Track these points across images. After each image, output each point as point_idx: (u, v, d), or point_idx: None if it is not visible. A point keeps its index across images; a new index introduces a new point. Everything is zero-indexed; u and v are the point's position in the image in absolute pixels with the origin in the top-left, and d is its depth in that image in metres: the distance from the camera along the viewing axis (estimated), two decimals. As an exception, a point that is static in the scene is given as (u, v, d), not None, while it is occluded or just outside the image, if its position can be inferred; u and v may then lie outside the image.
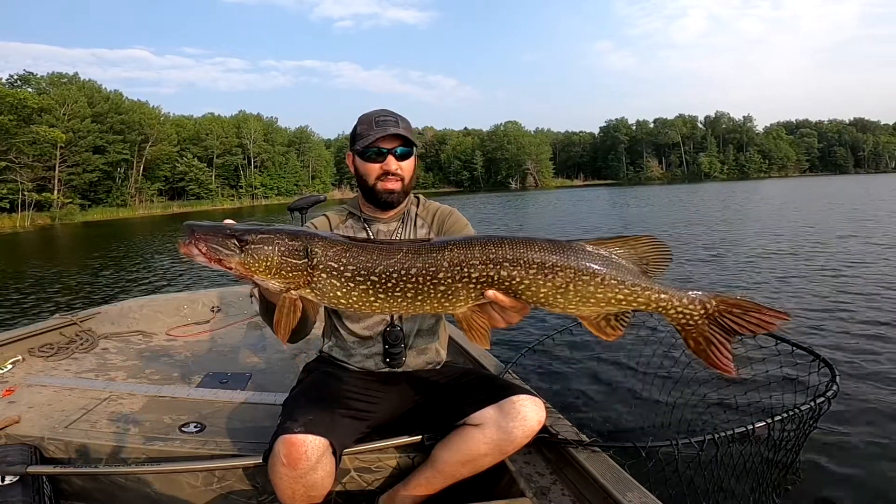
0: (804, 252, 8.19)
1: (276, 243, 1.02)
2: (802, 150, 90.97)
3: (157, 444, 1.64)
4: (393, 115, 1.52)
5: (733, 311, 0.97)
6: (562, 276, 0.97)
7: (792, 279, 6.21)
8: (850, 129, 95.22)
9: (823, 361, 1.85)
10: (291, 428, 1.24)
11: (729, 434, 1.49)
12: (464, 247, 1.00)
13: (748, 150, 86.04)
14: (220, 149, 57.17)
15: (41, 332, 2.76)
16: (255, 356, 2.62)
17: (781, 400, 2.06)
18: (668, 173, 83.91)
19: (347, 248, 1.03)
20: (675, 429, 2.52)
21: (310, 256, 1.02)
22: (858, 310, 4.70)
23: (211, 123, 59.06)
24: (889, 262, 6.99)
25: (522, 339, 4.29)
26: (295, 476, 1.22)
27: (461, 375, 1.57)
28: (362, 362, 1.56)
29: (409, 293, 1.01)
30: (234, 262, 1.02)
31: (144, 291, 8.01)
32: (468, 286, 1.00)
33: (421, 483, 1.44)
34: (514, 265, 0.98)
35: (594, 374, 3.18)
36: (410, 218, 1.64)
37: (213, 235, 1.02)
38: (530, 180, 77.84)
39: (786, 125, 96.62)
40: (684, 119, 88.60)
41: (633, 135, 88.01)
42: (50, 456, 1.67)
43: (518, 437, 1.31)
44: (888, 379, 3.13)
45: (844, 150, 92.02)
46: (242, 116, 62.20)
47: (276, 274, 1.02)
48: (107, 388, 2.12)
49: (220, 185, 57.69)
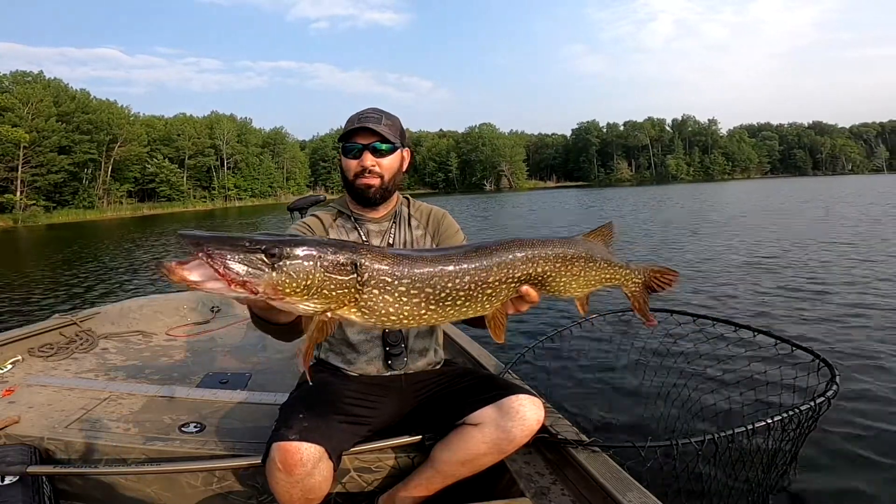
0: (805, 250, 8.21)
1: (319, 258, 0.87)
2: (764, 152, 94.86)
3: (157, 444, 1.64)
4: (377, 113, 1.51)
5: (656, 275, 1.28)
6: (577, 264, 1.15)
7: (792, 279, 6.22)
8: (809, 132, 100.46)
9: (823, 361, 1.85)
10: (286, 435, 1.23)
11: (728, 434, 1.49)
12: (507, 250, 1.08)
13: (713, 152, 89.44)
14: (192, 150, 56.43)
15: (41, 332, 2.76)
16: (255, 356, 2.62)
17: (781, 400, 2.06)
18: (637, 175, 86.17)
19: (398, 259, 0.97)
20: (674, 429, 2.52)
21: (359, 271, 0.91)
22: (859, 310, 4.70)
23: (183, 124, 58.14)
24: (889, 261, 6.99)
25: (522, 339, 4.29)
26: (292, 481, 1.21)
27: (461, 375, 1.56)
28: (362, 368, 1.55)
29: (460, 300, 1.03)
30: (262, 285, 0.83)
31: (102, 299, 7.33)
32: (510, 286, 1.08)
33: (421, 483, 1.44)
34: (548, 261, 1.11)
35: (594, 374, 3.18)
36: (403, 218, 1.63)
37: (232, 250, 0.81)
38: (504, 182, 78.66)
39: (748, 128, 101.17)
40: (653, 122, 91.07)
41: (604, 137, 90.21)
42: (50, 456, 1.67)
43: (517, 437, 1.31)
44: (888, 379, 3.13)
45: (804, 152, 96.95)
46: (215, 117, 61.41)
47: (315, 294, 0.87)
48: (107, 388, 2.12)
49: (192, 186, 57.06)
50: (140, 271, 10.37)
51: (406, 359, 1.55)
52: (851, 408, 2.78)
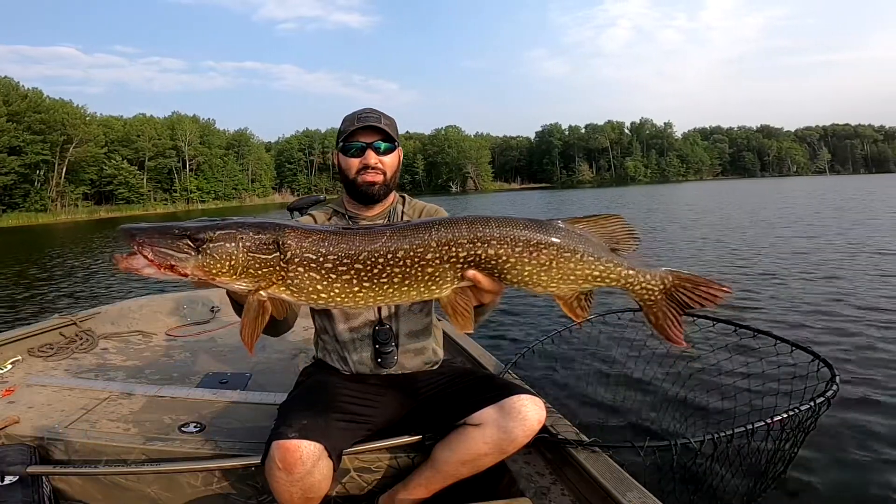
0: (805, 251, 8.21)
1: (240, 238, 0.91)
2: (715, 154, 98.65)
3: (157, 444, 1.64)
4: (376, 113, 1.55)
5: (686, 285, 1.03)
6: (546, 253, 0.97)
7: (792, 278, 6.22)
8: (757, 135, 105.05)
9: (823, 361, 1.85)
10: (286, 433, 1.23)
11: (728, 434, 1.49)
12: (451, 226, 0.98)
13: (668, 154, 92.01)
14: (152, 151, 54.35)
15: (41, 332, 2.76)
16: (255, 356, 2.61)
17: (781, 400, 2.06)
18: (597, 177, 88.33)
19: (324, 236, 0.95)
20: (674, 429, 2.53)
21: (282, 250, 0.93)
22: (859, 310, 4.70)
23: (143, 124, 55.81)
24: (890, 260, 7.00)
25: (522, 339, 4.29)
26: (291, 480, 1.21)
27: (460, 375, 1.56)
28: (356, 367, 1.55)
29: (396, 278, 0.96)
30: (189, 267, 0.89)
31: (49, 308, 6.78)
32: (455, 266, 0.97)
33: (421, 483, 1.44)
34: (501, 243, 0.97)
35: (594, 374, 3.18)
36: (397, 215, 1.64)
37: (160, 237, 0.88)
38: (470, 184, 79.14)
39: (701, 131, 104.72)
40: (612, 125, 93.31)
41: (566, 140, 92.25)
42: (50, 456, 1.66)
43: (519, 437, 1.31)
44: (888, 379, 3.14)
45: (752, 155, 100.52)
46: (177, 118, 59.10)
47: (242, 274, 0.91)
48: (106, 388, 2.12)
49: (153, 188, 55.04)
50: (92, 278, 9.61)
51: (397, 358, 1.54)
52: (851, 408, 2.78)
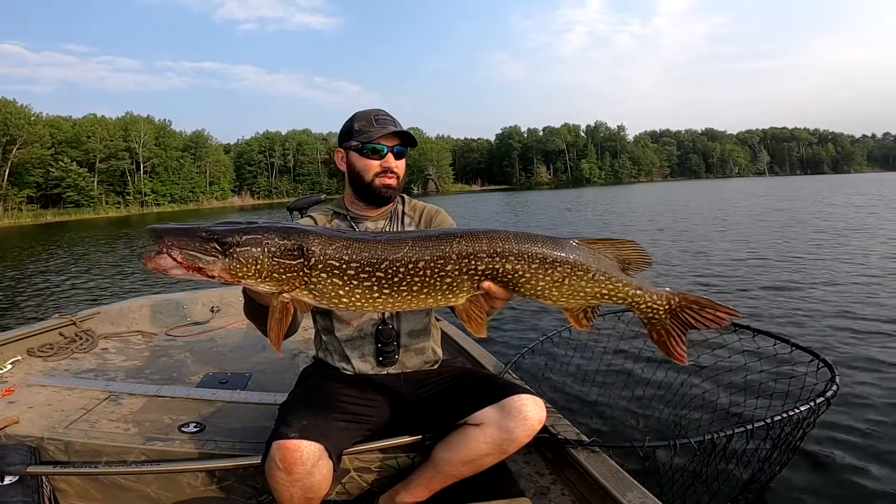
0: (803, 250, 8.22)
1: (266, 244, 0.95)
2: (664, 157, 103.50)
3: (157, 444, 1.64)
4: (390, 115, 1.57)
5: (692, 307, 1.07)
6: (560, 270, 1.02)
7: (791, 279, 6.22)
8: (702, 138, 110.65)
9: (823, 361, 1.85)
10: (286, 433, 1.23)
11: (727, 434, 1.49)
12: (471, 239, 1.00)
13: (621, 156, 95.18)
14: (103, 152, 51.89)
15: (40, 332, 2.76)
16: (255, 356, 2.61)
17: (780, 400, 2.06)
18: (555, 179, 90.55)
19: (348, 243, 0.98)
20: (674, 429, 2.53)
21: (306, 256, 0.96)
22: (859, 310, 4.70)
23: (93, 125, 53.11)
24: (890, 260, 7.00)
25: (522, 339, 4.29)
26: (291, 480, 1.22)
27: (460, 375, 1.56)
28: (358, 366, 1.55)
29: (416, 287, 1.00)
30: (217, 270, 0.93)
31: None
32: (473, 278, 1.00)
33: (421, 483, 1.44)
34: (519, 259, 1.01)
35: (593, 374, 3.18)
36: (398, 216, 1.65)
37: (189, 240, 0.92)
38: (431, 186, 79.58)
39: (651, 134, 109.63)
40: (569, 128, 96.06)
41: (525, 142, 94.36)
42: (50, 456, 1.66)
43: (519, 437, 1.32)
44: (888, 379, 3.14)
45: (698, 157, 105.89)
46: (130, 118, 56.53)
47: (266, 277, 0.95)
48: (106, 388, 2.12)
49: (104, 191, 52.77)
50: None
51: (399, 356, 1.55)
52: (850, 408, 2.78)
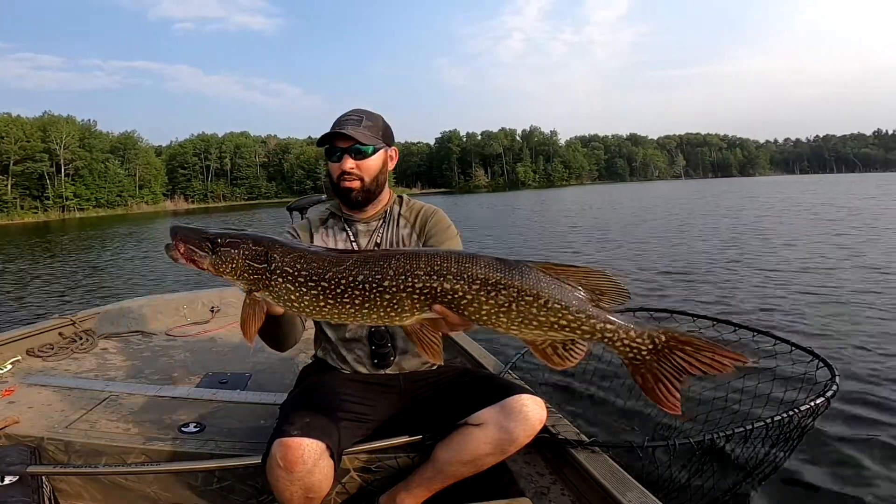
0: (805, 250, 8.22)
1: (241, 247, 1.11)
2: (593, 161, 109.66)
3: (157, 444, 1.64)
4: (358, 114, 1.53)
5: (685, 348, 0.92)
6: (504, 294, 0.95)
7: (791, 277, 6.23)
8: (627, 143, 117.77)
9: (823, 361, 1.85)
10: (288, 431, 1.23)
11: (727, 434, 1.49)
12: (410, 257, 1.02)
13: (553, 160, 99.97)
14: (18, 154, 49.40)
15: (40, 332, 2.76)
16: (255, 356, 2.61)
17: (780, 400, 2.06)
18: (492, 182, 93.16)
19: (303, 254, 1.09)
20: (674, 429, 2.53)
21: (269, 261, 1.09)
22: (859, 310, 4.71)
23: (7, 125, 50.34)
24: (890, 260, 7.01)
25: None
26: (292, 479, 1.21)
27: (460, 375, 1.56)
28: (354, 366, 1.56)
29: (357, 300, 1.04)
30: (206, 263, 1.13)
31: None
32: (412, 296, 1.00)
33: (421, 483, 1.44)
34: (458, 279, 0.97)
35: (593, 374, 3.18)
36: (393, 217, 1.63)
37: (192, 237, 1.14)
38: None
39: (581, 139, 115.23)
40: (506, 132, 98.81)
41: (464, 146, 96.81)
42: (50, 456, 1.67)
43: (520, 437, 1.32)
44: (888, 379, 3.14)
45: (623, 161, 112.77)
46: (49, 118, 54.04)
47: (240, 276, 1.11)
48: (106, 388, 2.12)
49: (20, 195, 50.33)
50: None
51: (394, 357, 1.55)
52: (850, 408, 2.78)
